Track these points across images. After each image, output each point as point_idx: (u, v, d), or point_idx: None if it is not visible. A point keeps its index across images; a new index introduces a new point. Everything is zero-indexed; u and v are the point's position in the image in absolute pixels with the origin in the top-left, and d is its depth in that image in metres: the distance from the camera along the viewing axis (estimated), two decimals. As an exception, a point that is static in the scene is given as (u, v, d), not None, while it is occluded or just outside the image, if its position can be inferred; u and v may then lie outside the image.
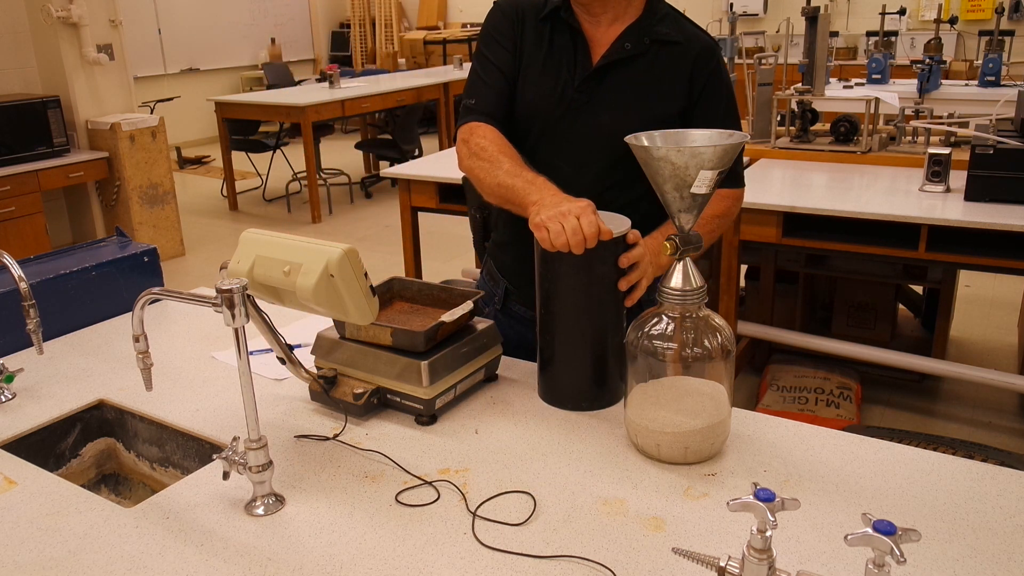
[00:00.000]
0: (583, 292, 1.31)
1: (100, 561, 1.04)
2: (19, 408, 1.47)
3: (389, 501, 1.15)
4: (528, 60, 1.52)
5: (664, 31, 1.49)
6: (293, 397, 1.46)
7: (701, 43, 1.50)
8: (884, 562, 0.78)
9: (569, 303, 1.33)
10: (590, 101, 1.49)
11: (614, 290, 1.33)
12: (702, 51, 1.49)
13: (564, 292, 1.33)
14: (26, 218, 4.80)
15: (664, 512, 1.10)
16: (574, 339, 1.34)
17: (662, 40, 1.48)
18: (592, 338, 1.34)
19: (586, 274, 1.30)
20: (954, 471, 1.17)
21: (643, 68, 1.48)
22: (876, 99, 3.30)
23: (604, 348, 1.35)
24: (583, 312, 1.33)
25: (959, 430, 3.12)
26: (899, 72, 5.39)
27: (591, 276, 1.30)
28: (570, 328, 1.34)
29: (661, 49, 1.48)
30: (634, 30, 1.48)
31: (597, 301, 1.32)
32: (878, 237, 2.68)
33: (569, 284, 1.32)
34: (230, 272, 1.26)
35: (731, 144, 1.12)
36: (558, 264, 1.30)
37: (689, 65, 1.48)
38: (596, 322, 1.33)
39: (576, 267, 1.29)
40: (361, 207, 6.90)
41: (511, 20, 1.54)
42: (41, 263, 1.84)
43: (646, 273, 1.36)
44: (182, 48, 9.65)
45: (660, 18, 1.50)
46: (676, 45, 1.48)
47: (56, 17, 4.98)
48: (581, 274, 1.30)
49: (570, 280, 1.31)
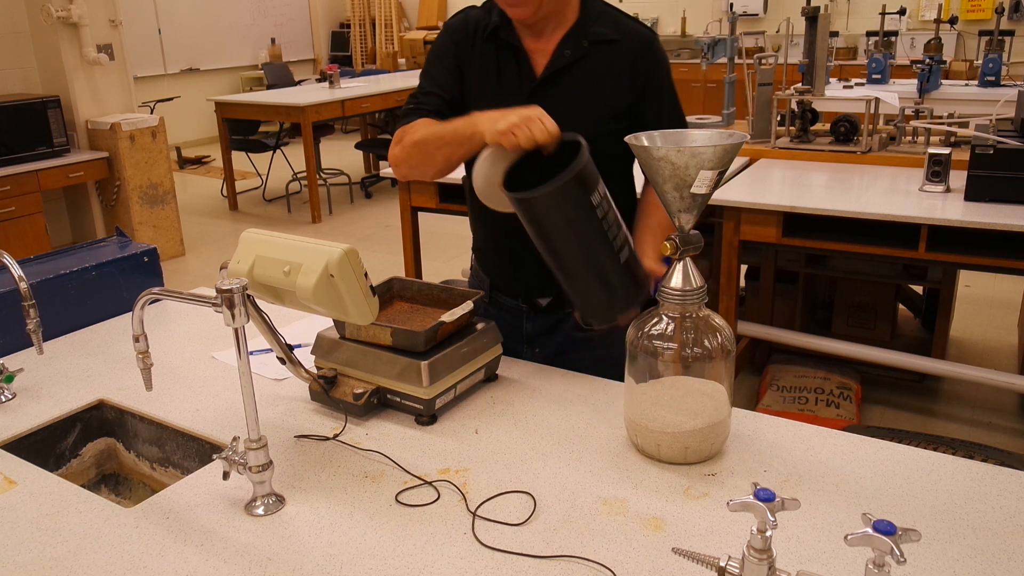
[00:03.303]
0: (578, 223, 1.27)
1: (100, 561, 1.04)
2: (19, 408, 1.47)
3: (389, 501, 1.15)
4: (476, 81, 1.55)
5: (601, 31, 1.52)
6: (293, 397, 1.46)
7: (639, 37, 1.53)
8: (884, 562, 0.78)
9: (571, 241, 1.29)
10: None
11: (597, 205, 1.28)
12: (640, 45, 1.52)
13: (560, 236, 1.29)
14: (26, 218, 4.80)
15: (664, 512, 1.10)
16: (587, 261, 1.30)
17: (601, 40, 1.51)
18: (603, 253, 1.30)
19: (571, 206, 1.26)
20: (954, 471, 1.17)
21: (586, 71, 1.51)
22: (876, 99, 3.30)
23: (616, 254, 1.30)
24: (584, 241, 1.29)
25: (959, 430, 3.12)
26: (899, 72, 5.39)
27: (577, 205, 1.26)
28: (582, 254, 1.30)
29: (601, 49, 1.51)
30: (572, 35, 1.51)
31: (592, 228, 1.28)
32: (878, 237, 2.68)
33: (560, 226, 1.28)
34: (230, 272, 1.26)
35: (731, 144, 1.12)
36: (546, 215, 1.27)
37: (629, 60, 1.51)
38: (603, 242, 1.29)
39: (556, 207, 1.26)
40: (361, 207, 6.89)
41: (456, 44, 1.56)
42: (41, 263, 1.84)
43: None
44: (182, 48, 9.64)
45: (596, 18, 1.53)
46: (614, 43, 1.51)
47: (56, 17, 4.98)
48: (565, 208, 1.26)
49: (558, 221, 1.27)
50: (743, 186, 3.00)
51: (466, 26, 1.57)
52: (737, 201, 2.84)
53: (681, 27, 9.10)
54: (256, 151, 6.94)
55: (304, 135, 6.17)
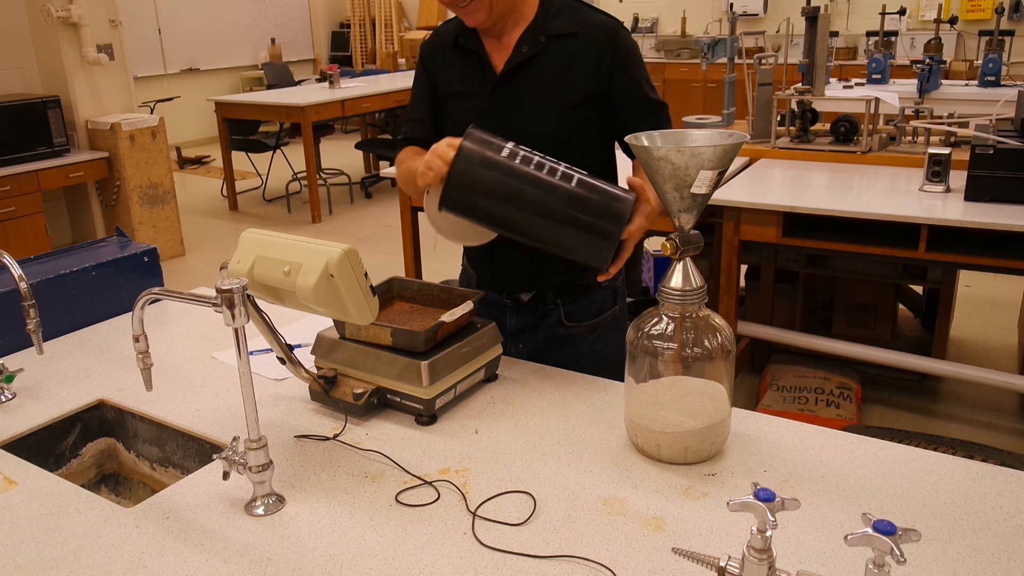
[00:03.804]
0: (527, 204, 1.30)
1: (100, 561, 1.04)
2: (19, 408, 1.47)
3: (389, 501, 1.15)
4: (448, 90, 1.63)
5: (559, 25, 1.54)
6: (293, 397, 1.46)
7: (599, 28, 1.55)
8: (884, 562, 0.78)
9: (535, 215, 1.31)
10: (505, 108, 1.56)
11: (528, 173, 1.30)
12: (601, 35, 1.54)
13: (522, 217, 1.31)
14: (26, 218, 4.80)
15: (664, 512, 1.10)
16: (541, 211, 1.31)
17: (558, 35, 1.54)
18: (567, 205, 1.30)
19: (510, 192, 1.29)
20: (954, 471, 1.17)
21: (544, 65, 1.54)
22: (876, 99, 3.30)
23: (564, 184, 1.30)
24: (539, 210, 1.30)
25: (959, 430, 3.12)
26: (899, 72, 5.39)
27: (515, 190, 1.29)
28: (550, 220, 1.31)
29: (559, 43, 1.54)
30: (529, 32, 1.54)
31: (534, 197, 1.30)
32: (878, 237, 2.68)
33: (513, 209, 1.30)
34: (230, 272, 1.26)
35: (731, 144, 1.12)
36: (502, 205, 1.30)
37: (591, 51, 1.53)
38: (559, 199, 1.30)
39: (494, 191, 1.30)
40: (361, 207, 6.89)
41: (426, 64, 1.67)
42: (41, 263, 1.84)
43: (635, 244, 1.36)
44: (182, 48, 9.64)
45: (555, 13, 1.55)
46: (572, 36, 1.54)
47: (56, 17, 4.98)
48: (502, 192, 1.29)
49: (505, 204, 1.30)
50: (743, 186, 3.00)
51: (434, 42, 1.67)
52: (737, 201, 2.84)
53: (681, 27, 9.10)
54: (256, 151, 6.94)
55: (304, 135, 6.17)
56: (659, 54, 8.97)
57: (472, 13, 1.50)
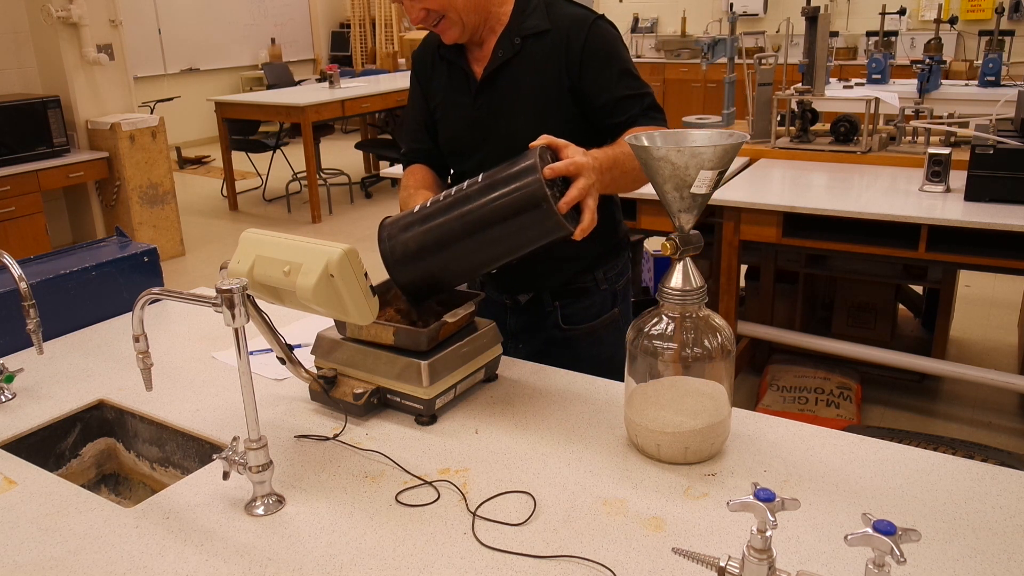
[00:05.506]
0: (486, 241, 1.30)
1: (100, 561, 1.04)
2: (19, 408, 1.47)
3: (389, 501, 1.15)
4: (437, 100, 1.65)
5: (532, 24, 1.54)
6: (293, 397, 1.46)
7: (572, 20, 1.53)
8: (884, 562, 0.78)
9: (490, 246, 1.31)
10: (489, 115, 1.57)
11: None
12: (572, 28, 1.52)
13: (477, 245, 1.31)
14: (26, 218, 4.80)
15: (664, 512, 1.10)
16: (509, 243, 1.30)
17: (531, 34, 1.54)
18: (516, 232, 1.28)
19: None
20: (954, 471, 1.17)
21: (521, 66, 1.54)
22: (876, 99, 3.30)
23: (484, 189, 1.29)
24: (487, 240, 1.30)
25: (959, 430, 3.12)
26: (899, 72, 5.40)
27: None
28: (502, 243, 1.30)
29: (534, 42, 1.54)
30: (505, 36, 1.55)
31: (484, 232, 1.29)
32: (878, 237, 2.68)
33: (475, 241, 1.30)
34: (230, 272, 1.26)
35: (731, 144, 1.12)
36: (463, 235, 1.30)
37: (563, 44, 1.52)
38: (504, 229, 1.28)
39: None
40: (361, 207, 6.89)
41: (418, 75, 1.70)
42: (41, 263, 1.84)
43: (589, 190, 1.27)
44: (182, 48, 9.64)
45: (529, 13, 1.55)
46: (546, 33, 1.53)
47: (56, 17, 4.97)
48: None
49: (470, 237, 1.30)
50: (743, 186, 3.00)
51: (424, 52, 1.69)
52: (737, 201, 2.84)
53: (681, 27, 9.10)
54: (256, 151, 6.94)
55: (304, 135, 6.17)
56: (659, 54, 8.98)
57: (445, 32, 1.52)
